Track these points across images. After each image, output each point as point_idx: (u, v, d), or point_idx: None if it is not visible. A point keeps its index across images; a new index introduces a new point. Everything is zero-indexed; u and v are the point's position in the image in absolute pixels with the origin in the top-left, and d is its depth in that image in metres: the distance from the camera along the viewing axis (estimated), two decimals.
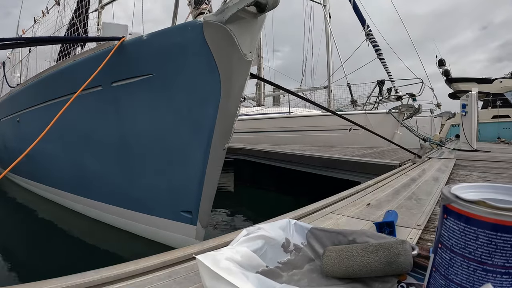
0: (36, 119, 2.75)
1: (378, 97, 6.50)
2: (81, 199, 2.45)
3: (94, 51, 1.92)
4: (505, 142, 9.31)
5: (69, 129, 2.27)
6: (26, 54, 5.17)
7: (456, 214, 0.32)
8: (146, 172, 1.84)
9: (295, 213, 0.93)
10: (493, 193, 0.37)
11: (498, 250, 0.29)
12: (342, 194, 1.23)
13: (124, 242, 2.04)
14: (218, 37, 1.33)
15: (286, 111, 6.54)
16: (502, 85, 12.86)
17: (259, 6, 1.21)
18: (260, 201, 3.59)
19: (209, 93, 1.45)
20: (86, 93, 1.84)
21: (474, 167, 2.42)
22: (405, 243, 0.49)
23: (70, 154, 2.45)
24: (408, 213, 0.93)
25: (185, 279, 0.52)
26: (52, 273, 0.64)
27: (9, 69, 5.92)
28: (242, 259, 0.45)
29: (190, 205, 1.63)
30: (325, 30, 8.92)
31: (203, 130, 1.51)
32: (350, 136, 4.98)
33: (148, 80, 1.65)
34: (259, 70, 9.71)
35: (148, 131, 1.75)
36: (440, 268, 0.34)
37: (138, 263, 0.57)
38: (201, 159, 1.54)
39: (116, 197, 2.08)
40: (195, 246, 0.67)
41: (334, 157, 2.66)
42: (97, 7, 5.61)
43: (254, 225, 0.59)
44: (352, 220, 0.86)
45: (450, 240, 0.33)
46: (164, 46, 1.55)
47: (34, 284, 0.50)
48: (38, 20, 6.03)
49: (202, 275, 0.41)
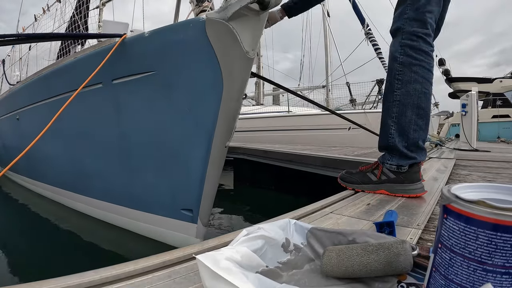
0: (36, 117, 2.74)
1: (378, 96, 6.51)
2: (81, 197, 2.45)
3: (95, 48, 1.91)
4: (505, 141, 9.31)
5: (70, 127, 2.27)
6: (26, 52, 5.17)
7: (456, 214, 0.32)
8: (146, 169, 1.83)
9: (295, 213, 0.94)
10: (493, 193, 0.37)
11: (498, 250, 0.29)
12: (342, 194, 1.23)
13: (124, 240, 2.04)
14: (221, 34, 1.32)
15: (285, 110, 6.54)
16: (502, 85, 12.85)
17: (262, 4, 1.21)
18: (260, 201, 3.59)
19: (211, 91, 1.45)
20: (86, 91, 1.83)
21: (474, 166, 2.42)
22: (405, 243, 0.49)
23: (70, 152, 2.45)
24: (408, 213, 0.93)
25: (185, 279, 0.52)
26: (51, 273, 0.64)
27: (9, 67, 5.92)
28: (242, 259, 0.45)
29: (191, 203, 1.63)
30: (324, 29, 8.91)
31: (204, 128, 1.51)
32: (349, 135, 4.98)
33: (149, 78, 1.65)
34: (258, 69, 9.71)
35: (149, 128, 1.75)
36: (440, 268, 0.34)
37: (138, 263, 0.57)
38: (202, 157, 1.54)
39: (116, 195, 2.08)
40: (195, 246, 0.67)
41: (334, 156, 2.66)
42: (98, 4, 5.59)
43: (254, 225, 0.59)
44: (352, 220, 0.86)
45: (450, 240, 0.33)
46: (166, 43, 1.54)
47: (33, 284, 0.50)
48: (39, 17, 6.02)
49: (202, 275, 0.41)
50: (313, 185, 2.98)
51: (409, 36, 1.15)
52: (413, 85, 1.14)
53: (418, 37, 1.14)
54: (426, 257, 0.51)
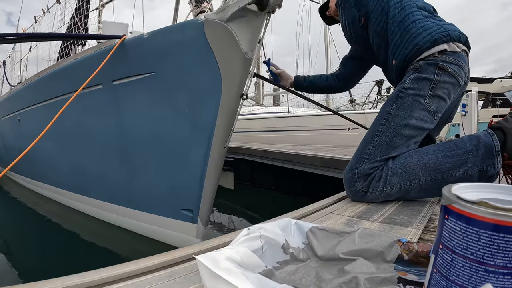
0: (36, 117, 2.75)
1: (377, 96, 6.51)
2: (81, 197, 2.45)
3: (95, 49, 1.92)
4: None
5: (70, 127, 2.27)
6: (26, 53, 5.18)
7: (457, 214, 0.32)
8: (146, 170, 1.84)
9: (295, 213, 0.93)
10: (493, 193, 0.37)
11: (500, 251, 0.29)
12: (342, 194, 1.23)
13: (124, 240, 2.04)
14: (219, 35, 1.33)
15: (285, 111, 6.54)
16: (502, 85, 12.84)
17: (260, 4, 1.21)
18: (260, 201, 3.59)
19: (210, 91, 1.45)
20: (87, 92, 1.84)
21: None
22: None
23: (71, 153, 2.45)
24: (408, 213, 0.93)
25: (185, 279, 0.52)
26: (51, 273, 0.64)
27: (10, 68, 5.92)
28: (242, 259, 0.45)
29: (191, 203, 1.64)
30: (324, 29, 8.91)
31: (203, 128, 1.51)
32: (349, 136, 4.97)
33: (149, 79, 1.65)
34: (258, 69, 9.71)
35: (148, 129, 1.75)
36: (441, 269, 0.34)
37: (138, 263, 0.57)
38: (202, 157, 1.54)
39: (116, 195, 2.08)
40: (195, 246, 0.66)
41: (334, 156, 2.66)
42: (97, 6, 5.60)
43: (254, 225, 0.59)
44: (352, 220, 0.86)
45: (452, 241, 0.33)
46: (165, 44, 1.54)
47: (34, 284, 0.49)
48: (39, 18, 6.03)
49: (202, 276, 0.41)
50: (313, 185, 2.98)
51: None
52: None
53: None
54: (426, 257, 0.51)
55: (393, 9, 1.21)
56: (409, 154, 1.08)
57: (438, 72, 1.08)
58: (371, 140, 1.13)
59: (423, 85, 1.09)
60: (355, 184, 1.10)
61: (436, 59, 1.09)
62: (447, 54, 1.10)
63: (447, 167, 1.02)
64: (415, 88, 1.09)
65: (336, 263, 0.54)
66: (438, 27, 1.13)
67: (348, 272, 0.49)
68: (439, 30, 1.11)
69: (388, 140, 1.10)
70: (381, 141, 1.11)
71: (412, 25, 1.15)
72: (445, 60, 1.09)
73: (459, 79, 1.11)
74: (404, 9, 1.19)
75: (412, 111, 1.09)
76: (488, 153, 0.99)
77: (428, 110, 1.10)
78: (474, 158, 1.00)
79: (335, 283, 0.47)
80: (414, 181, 1.05)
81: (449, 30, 1.12)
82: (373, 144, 1.12)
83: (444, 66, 1.08)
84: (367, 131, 1.19)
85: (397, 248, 0.54)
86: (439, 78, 1.08)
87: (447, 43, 1.10)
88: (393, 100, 1.13)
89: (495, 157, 0.98)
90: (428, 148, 1.08)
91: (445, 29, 1.12)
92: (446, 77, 1.09)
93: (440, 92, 1.09)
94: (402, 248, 0.53)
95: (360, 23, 1.32)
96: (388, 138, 1.10)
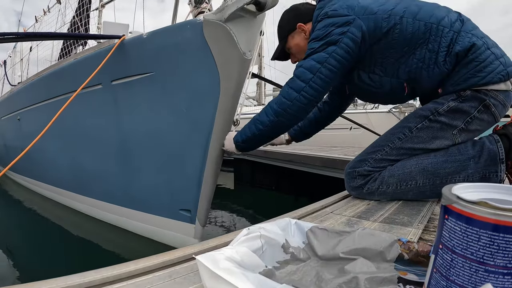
0: (36, 117, 2.75)
1: None
2: (80, 197, 2.45)
3: (95, 49, 1.92)
4: None
5: (70, 127, 2.27)
6: (27, 53, 5.19)
7: (457, 214, 0.32)
8: (145, 170, 1.84)
9: (295, 213, 0.93)
10: (494, 193, 0.37)
11: (500, 251, 0.29)
12: (342, 194, 1.23)
13: (124, 241, 2.04)
14: (218, 35, 1.33)
15: None
16: None
17: (258, 5, 1.22)
18: (260, 201, 3.59)
19: (208, 92, 1.45)
20: (86, 92, 1.84)
21: None
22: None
23: (70, 153, 2.45)
24: (408, 213, 0.93)
25: (185, 279, 0.52)
26: (52, 273, 0.64)
27: (10, 68, 5.93)
28: (242, 259, 0.45)
29: (189, 204, 1.64)
30: None
31: (202, 128, 1.51)
32: (350, 136, 4.97)
33: (148, 79, 1.65)
34: (260, 69, 9.71)
35: (147, 129, 1.75)
36: (441, 269, 0.34)
37: (138, 263, 0.57)
38: (200, 157, 1.54)
39: (115, 195, 2.08)
40: (195, 246, 0.67)
41: (334, 156, 2.66)
42: (97, 6, 5.60)
43: (254, 225, 0.59)
44: (353, 220, 0.86)
45: (452, 241, 0.33)
46: (164, 44, 1.55)
47: (34, 284, 0.50)
48: (40, 18, 6.04)
49: (202, 276, 0.41)
50: (313, 185, 2.98)
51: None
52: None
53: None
54: (426, 256, 0.51)
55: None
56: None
57: (480, 109, 0.99)
58: (383, 147, 1.12)
59: (458, 117, 1.01)
60: (355, 180, 1.13)
61: (486, 93, 0.98)
62: (499, 92, 0.98)
63: (447, 172, 1.01)
64: (449, 117, 1.01)
65: (337, 262, 0.54)
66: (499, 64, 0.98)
67: (349, 272, 0.49)
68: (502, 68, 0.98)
69: (399, 153, 1.09)
70: (391, 152, 1.10)
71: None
72: (495, 97, 0.98)
73: (497, 118, 1.03)
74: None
75: (435, 138, 1.04)
76: (491, 160, 0.97)
77: (454, 141, 1.03)
78: (476, 165, 0.98)
79: (335, 283, 0.47)
80: (410, 182, 1.05)
81: (508, 66, 0.99)
82: (383, 153, 1.11)
83: (490, 104, 0.98)
84: (382, 136, 1.17)
85: (397, 247, 0.54)
86: (478, 115, 1.00)
87: (504, 82, 0.98)
88: (420, 119, 1.06)
89: (499, 164, 0.96)
90: (430, 151, 1.07)
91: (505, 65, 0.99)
92: (486, 115, 1.00)
93: (473, 127, 1.02)
94: (403, 247, 0.53)
95: (405, 92, 1.13)
96: (399, 152, 1.09)
